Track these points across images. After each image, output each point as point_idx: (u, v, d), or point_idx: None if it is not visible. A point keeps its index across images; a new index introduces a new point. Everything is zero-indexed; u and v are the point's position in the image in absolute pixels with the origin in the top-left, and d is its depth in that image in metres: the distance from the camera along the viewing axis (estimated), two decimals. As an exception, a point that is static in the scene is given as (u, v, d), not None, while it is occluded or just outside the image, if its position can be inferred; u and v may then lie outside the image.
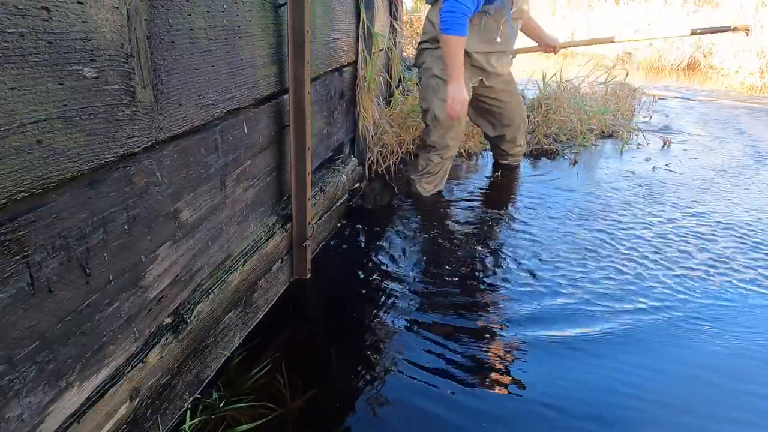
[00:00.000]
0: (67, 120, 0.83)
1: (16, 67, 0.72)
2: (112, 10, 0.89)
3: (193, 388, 1.30)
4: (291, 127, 1.64)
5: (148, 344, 1.12)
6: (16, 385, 0.79)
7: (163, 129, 1.08)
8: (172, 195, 1.13)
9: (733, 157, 3.48)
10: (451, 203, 2.62)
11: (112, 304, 0.99)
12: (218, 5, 1.22)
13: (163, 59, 1.05)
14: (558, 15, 10.40)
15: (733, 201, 2.70)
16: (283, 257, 1.76)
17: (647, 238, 2.24)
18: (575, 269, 1.98)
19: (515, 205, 2.59)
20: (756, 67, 6.54)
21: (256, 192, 1.56)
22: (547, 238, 2.23)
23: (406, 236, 2.27)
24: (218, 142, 1.30)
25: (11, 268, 0.76)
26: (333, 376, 1.43)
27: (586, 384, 1.42)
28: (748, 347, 1.58)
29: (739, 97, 5.75)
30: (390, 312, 1.71)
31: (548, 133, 3.59)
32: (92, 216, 0.90)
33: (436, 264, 2.04)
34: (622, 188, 2.83)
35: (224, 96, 1.31)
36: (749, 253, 2.14)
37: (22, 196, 0.77)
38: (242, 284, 1.48)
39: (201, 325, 1.29)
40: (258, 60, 1.45)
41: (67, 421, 0.91)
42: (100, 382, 0.98)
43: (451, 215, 2.49)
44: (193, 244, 1.25)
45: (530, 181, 2.93)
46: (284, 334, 1.58)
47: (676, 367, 1.49)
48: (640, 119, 4.26)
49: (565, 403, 1.34)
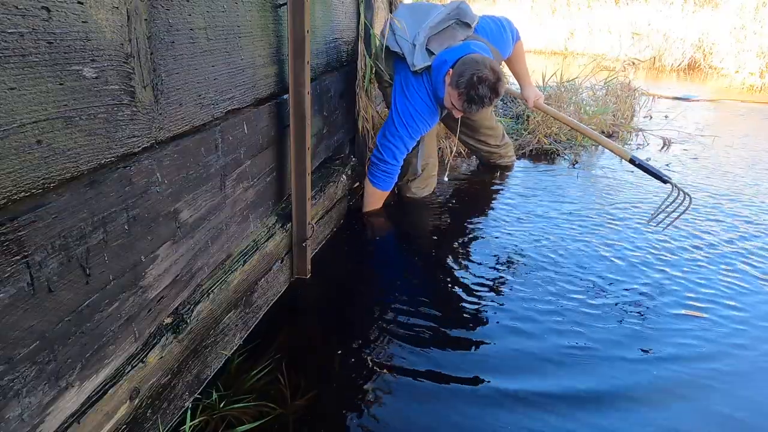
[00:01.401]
0: (67, 120, 0.83)
1: (16, 67, 0.72)
2: (112, 10, 0.89)
3: (194, 388, 1.30)
4: (291, 127, 1.64)
5: (148, 344, 1.12)
6: (16, 385, 0.79)
7: (163, 129, 1.08)
8: (172, 195, 1.13)
9: (733, 157, 3.48)
10: (449, 203, 2.62)
11: (112, 304, 0.99)
12: (218, 5, 1.22)
13: (163, 59, 1.05)
14: (558, 15, 10.40)
15: (733, 201, 2.70)
16: (283, 257, 1.76)
17: (648, 239, 2.24)
18: (575, 269, 1.99)
19: (512, 207, 2.58)
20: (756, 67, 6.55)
21: (256, 192, 1.56)
22: (546, 238, 2.23)
23: (405, 236, 2.27)
24: (218, 142, 1.30)
25: (11, 268, 0.76)
26: (333, 376, 1.43)
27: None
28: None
29: (739, 97, 5.75)
30: (390, 312, 1.71)
31: (548, 133, 3.59)
32: (92, 216, 0.90)
33: (435, 264, 2.04)
34: (622, 188, 2.83)
35: (224, 96, 1.31)
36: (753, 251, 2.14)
37: (22, 196, 0.77)
38: (242, 284, 1.48)
39: (201, 325, 1.29)
40: (258, 60, 1.45)
41: (67, 421, 0.91)
42: (100, 382, 0.98)
43: (448, 216, 2.49)
44: (193, 244, 1.25)
45: (529, 181, 2.93)
46: (284, 334, 1.58)
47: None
48: (640, 119, 4.27)
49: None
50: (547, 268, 1.99)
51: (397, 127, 2.23)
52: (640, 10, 9.31)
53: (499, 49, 2.34)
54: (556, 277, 1.93)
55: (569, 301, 1.78)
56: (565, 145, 3.54)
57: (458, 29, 2.24)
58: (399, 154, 2.27)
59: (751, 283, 1.93)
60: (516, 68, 2.64)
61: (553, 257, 2.07)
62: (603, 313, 1.72)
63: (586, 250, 2.13)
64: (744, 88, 6.41)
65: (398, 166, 2.31)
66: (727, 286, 1.91)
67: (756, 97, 5.89)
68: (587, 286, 1.88)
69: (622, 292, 1.84)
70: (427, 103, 2.20)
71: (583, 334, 1.61)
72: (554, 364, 1.49)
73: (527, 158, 3.33)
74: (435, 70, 2.13)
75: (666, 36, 8.28)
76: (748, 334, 1.64)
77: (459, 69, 2.00)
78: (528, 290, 1.85)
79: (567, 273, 1.96)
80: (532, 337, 1.60)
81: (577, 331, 1.63)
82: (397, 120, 2.23)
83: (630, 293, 1.84)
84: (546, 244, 2.17)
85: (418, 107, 2.20)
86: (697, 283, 1.92)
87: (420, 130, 2.26)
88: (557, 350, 1.54)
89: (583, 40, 9.46)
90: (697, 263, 2.05)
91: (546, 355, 1.52)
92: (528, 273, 1.96)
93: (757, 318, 1.73)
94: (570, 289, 1.85)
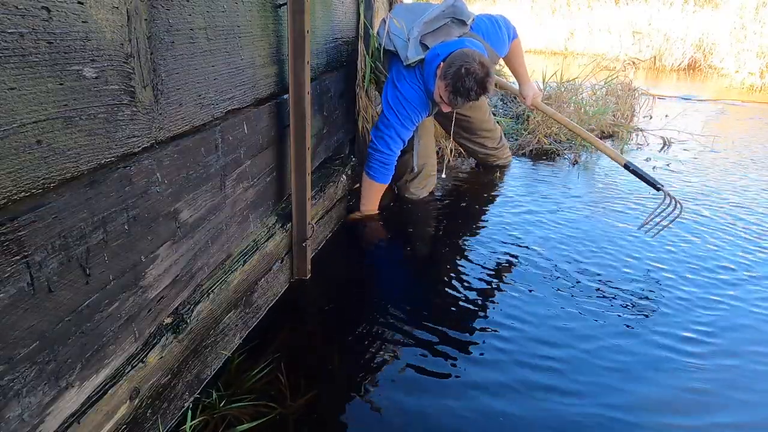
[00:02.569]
0: (67, 120, 0.83)
1: (16, 67, 0.72)
2: (112, 10, 0.89)
3: (194, 388, 1.30)
4: (291, 127, 1.64)
5: (148, 344, 1.12)
6: (16, 385, 0.79)
7: (163, 129, 1.08)
8: (172, 195, 1.13)
9: (734, 157, 3.48)
10: (448, 204, 2.62)
11: (112, 304, 0.99)
12: (218, 5, 1.22)
13: (163, 59, 1.05)
14: (558, 15, 10.40)
15: (734, 201, 2.70)
16: (283, 257, 1.76)
17: (648, 240, 2.24)
18: (576, 269, 1.99)
19: (512, 207, 2.58)
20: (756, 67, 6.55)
21: (256, 192, 1.56)
22: (546, 238, 2.24)
23: (405, 237, 2.27)
24: (218, 142, 1.30)
25: (11, 268, 0.76)
26: (333, 376, 1.42)
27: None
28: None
29: (740, 97, 5.75)
30: (390, 311, 1.71)
31: (548, 133, 3.59)
32: (92, 216, 0.90)
33: (435, 263, 2.04)
34: (622, 188, 2.83)
35: (224, 96, 1.31)
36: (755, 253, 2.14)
37: (22, 196, 0.77)
38: (242, 284, 1.48)
39: (201, 325, 1.29)
40: (258, 60, 1.45)
41: (67, 421, 0.91)
42: (100, 382, 0.98)
43: (448, 216, 2.49)
44: (193, 244, 1.25)
45: (529, 181, 2.93)
46: (284, 334, 1.58)
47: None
48: (640, 119, 4.26)
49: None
50: (548, 268, 1.99)
51: (388, 116, 2.23)
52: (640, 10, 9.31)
53: (494, 47, 2.34)
54: (556, 277, 1.93)
55: (570, 301, 1.78)
56: (565, 145, 3.54)
57: (454, 27, 2.23)
58: (393, 144, 2.26)
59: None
60: (514, 66, 2.62)
61: (553, 257, 2.07)
62: (601, 310, 1.72)
63: (586, 250, 2.13)
64: (744, 88, 6.41)
65: (394, 156, 2.29)
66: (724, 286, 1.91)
67: (756, 97, 5.89)
68: (588, 287, 1.88)
69: (619, 292, 1.84)
70: (417, 93, 2.20)
71: (582, 331, 1.62)
72: (554, 361, 1.49)
73: (527, 158, 3.33)
74: (427, 63, 2.13)
75: (666, 36, 8.28)
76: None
77: (449, 61, 2.00)
78: (528, 290, 1.85)
79: (567, 273, 1.96)
80: (532, 337, 1.60)
81: (575, 327, 1.63)
82: (387, 110, 2.23)
83: (624, 293, 1.84)
84: (546, 245, 2.17)
85: (408, 95, 2.20)
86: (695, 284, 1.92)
87: (411, 119, 2.24)
88: (558, 349, 1.54)
89: (583, 40, 9.46)
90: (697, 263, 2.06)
91: (546, 352, 1.52)
92: (528, 273, 1.96)
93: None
94: (571, 290, 1.85)
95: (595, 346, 1.56)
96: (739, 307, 1.78)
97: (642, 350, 1.55)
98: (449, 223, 2.42)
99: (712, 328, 1.67)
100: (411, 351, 1.53)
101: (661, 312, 1.74)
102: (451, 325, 1.66)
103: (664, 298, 1.82)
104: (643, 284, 1.90)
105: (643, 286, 1.89)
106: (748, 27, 7.07)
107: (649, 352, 1.55)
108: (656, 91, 5.55)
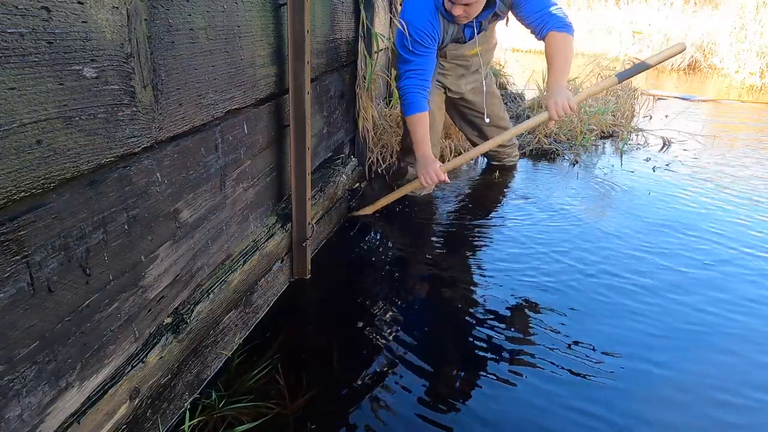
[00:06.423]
0: (67, 120, 0.83)
1: (16, 67, 0.72)
2: (112, 10, 0.89)
3: (193, 388, 1.30)
4: (291, 127, 1.64)
5: (148, 344, 1.12)
6: (16, 385, 0.79)
7: (163, 129, 1.08)
8: (172, 195, 1.13)
9: (734, 156, 3.48)
10: (449, 204, 2.62)
11: (112, 304, 0.99)
12: (218, 5, 1.22)
13: (163, 59, 1.05)
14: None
15: (734, 201, 2.70)
16: (283, 257, 1.76)
17: (649, 240, 2.24)
18: (575, 270, 1.99)
19: (512, 207, 2.59)
20: (756, 67, 6.55)
21: (256, 192, 1.56)
22: (546, 238, 2.23)
23: (405, 236, 2.27)
24: (218, 142, 1.30)
25: (11, 268, 0.76)
26: (333, 376, 1.43)
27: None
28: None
29: (739, 97, 5.75)
30: (390, 312, 1.71)
31: (548, 133, 3.58)
32: (92, 216, 0.90)
33: (435, 263, 2.04)
34: (622, 188, 2.83)
35: (224, 96, 1.31)
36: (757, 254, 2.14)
37: (22, 196, 0.77)
38: (242, 284, 1.48)
39: (201, 325, 1.29)
40: (258, 60, 1.45)
41: (67, 421, 0.91)
42: (100, 382, 0.98)
43: (448, 216, 2.49)
44: (193, 244, 1.25)
45: (529, 182, 2.93)
46: (284, 334, 1.58)
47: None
48: (640, 119, 4.26)
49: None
50: (548, 268, 1.99)
51: (401, 52, 2.27)
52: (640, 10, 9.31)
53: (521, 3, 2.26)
54: (557, 277, 1.93)
55: (571, 301, 1.78)
56: (565, 145, 3.54)
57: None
58: (417, 75, 2.25)
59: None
60: (548, 60, 2.27)
61: (553, 257, 2.07)
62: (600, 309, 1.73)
63: (586, 251, 2.13)
64: (744, 88, 6.41)
65: (425, 75, 2.26)
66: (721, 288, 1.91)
67: (756, 97, 5.89)
68: (588, 287, 1.88)
69: (625, 289, 1.84)
70: (422, 12, 2.21)
71: (580, 329, 1.62)
72: (555, 360, 1.49)
73: (528, 158, 3.33)
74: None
75: (666, 36, 8.27)
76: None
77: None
78: (529, 290, 1.85)
79: (568, 273, 1.96)
80: (533, 336, 1.60)
81: (576, 326, 1.63)
82: (400, 47, 2.27)
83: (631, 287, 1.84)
84: (546, 245, 2.17)
85: (411, 20, 2.21)
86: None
87: (422, 43, 2.22)
88: (557, 348, 1.54)
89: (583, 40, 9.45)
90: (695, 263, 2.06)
91: (547, 353, 1.52)
92: (528, 273, 1.96)
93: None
94: (571, 290, 1.85)
95: (605, 338, 1.56)
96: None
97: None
98: (449, 222, 2.42)
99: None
100: (411, 350, 1.53)
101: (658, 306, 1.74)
102: (452, 324, 1.66)
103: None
104: (640, 281, 1.90)
105: (641, 281, 1.89)
106: (748, 27, 7.07)
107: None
108: (656, 91, 5.56)
